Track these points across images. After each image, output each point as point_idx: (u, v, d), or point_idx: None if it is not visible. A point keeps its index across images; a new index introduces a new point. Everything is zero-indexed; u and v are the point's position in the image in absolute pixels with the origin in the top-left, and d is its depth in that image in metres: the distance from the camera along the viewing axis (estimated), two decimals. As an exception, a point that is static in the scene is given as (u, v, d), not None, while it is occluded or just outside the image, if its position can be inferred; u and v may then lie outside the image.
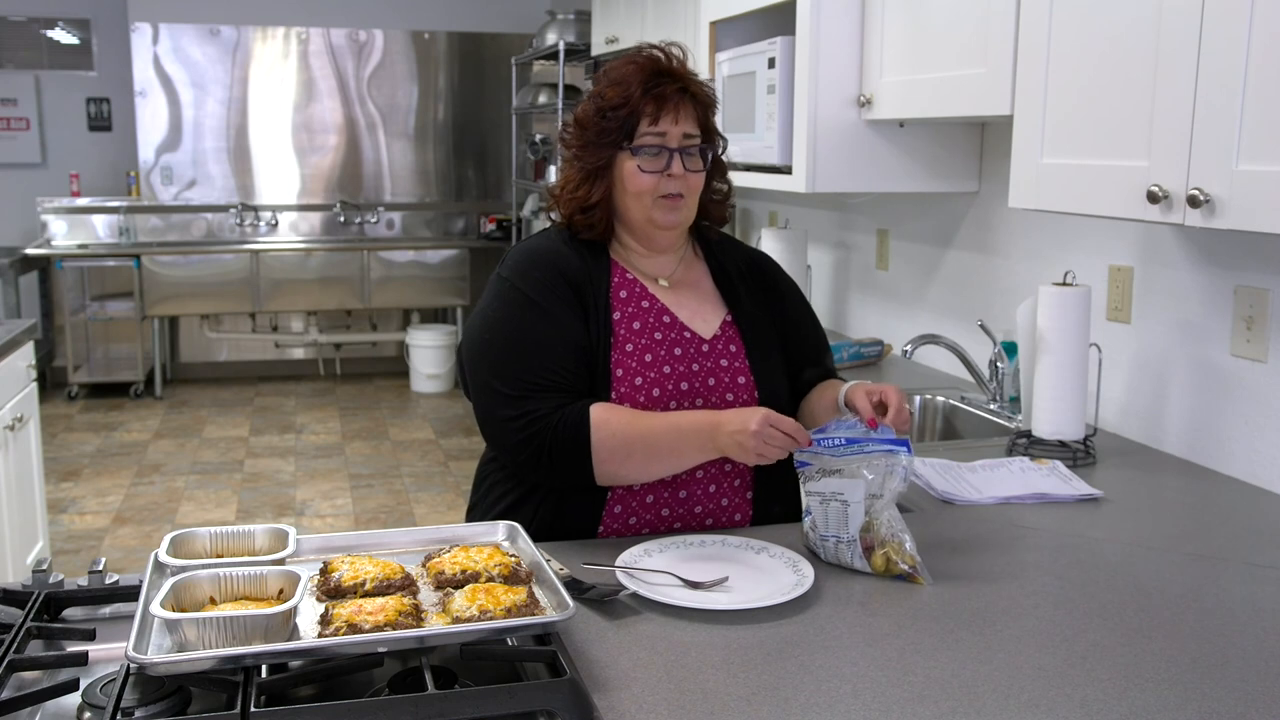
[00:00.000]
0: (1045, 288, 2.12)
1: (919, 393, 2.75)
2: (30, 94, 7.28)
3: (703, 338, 1.72)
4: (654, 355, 1.67)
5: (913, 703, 1.17)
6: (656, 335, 1.68)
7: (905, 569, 1.50)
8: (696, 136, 1.67)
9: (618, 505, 1.67)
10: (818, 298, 3.68)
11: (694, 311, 1.74)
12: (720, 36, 3.26)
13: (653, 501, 1.68)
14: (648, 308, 1.70)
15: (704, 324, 1.74)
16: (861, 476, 1.52)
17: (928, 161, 2.78)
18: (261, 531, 1.42)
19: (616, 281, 1.72)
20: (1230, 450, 2.06)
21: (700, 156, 1.68)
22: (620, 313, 1.68)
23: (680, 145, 1.65)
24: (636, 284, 1.73)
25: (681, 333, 1.70)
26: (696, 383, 1.68)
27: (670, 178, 1.65)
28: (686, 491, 1.68)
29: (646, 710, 1.16)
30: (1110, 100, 1.80)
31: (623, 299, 1.70)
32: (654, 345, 1.68)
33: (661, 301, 1.72)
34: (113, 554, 4.40)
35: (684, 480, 1.67)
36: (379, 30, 7.49)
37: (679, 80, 1.66)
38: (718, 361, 1.71)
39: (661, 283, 1.75)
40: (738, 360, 1.72)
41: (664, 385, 1.65)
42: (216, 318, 7.33)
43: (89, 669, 1.21)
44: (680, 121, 1.64)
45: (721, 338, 1.74)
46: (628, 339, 1.67)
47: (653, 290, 1.74)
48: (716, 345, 1.72)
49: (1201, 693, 1.20)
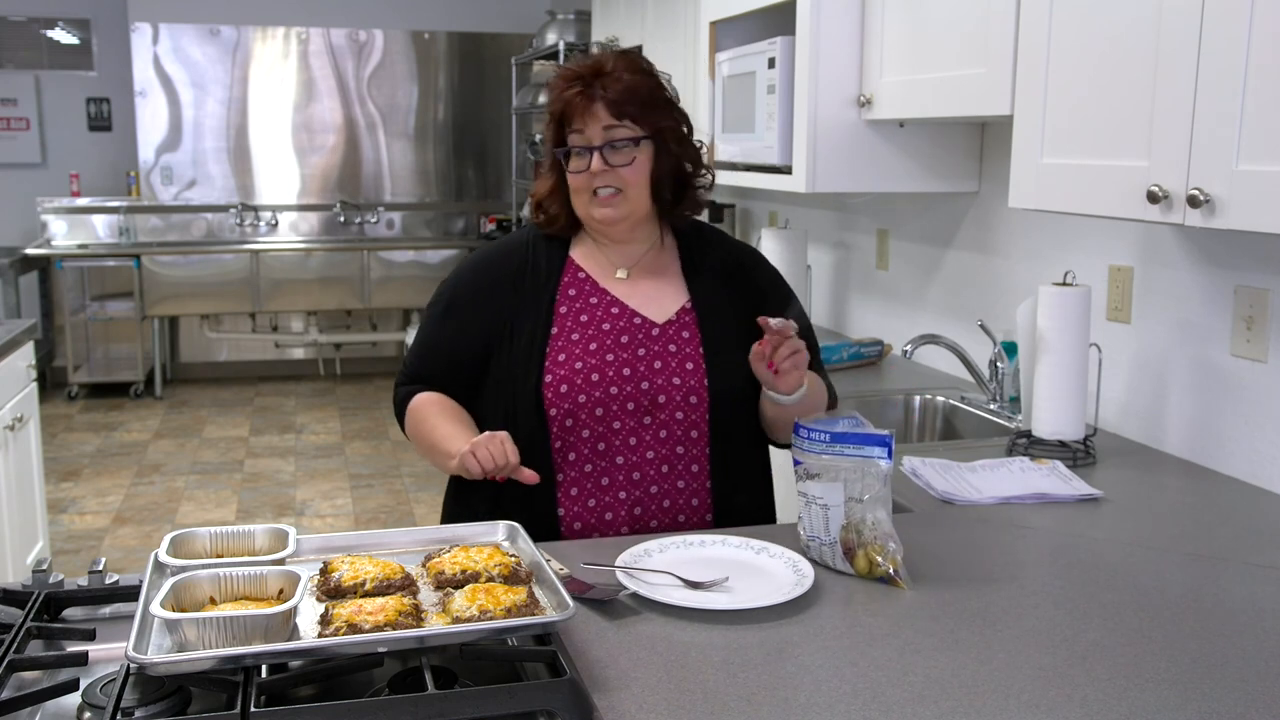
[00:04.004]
0: (1045, 288, 2.12)
1: (919, 393, 2.75)
2: (30, 94, 7.28)
3: (654, 323, 1.77)
4: (599, 344, 1.74)
5: (913, 703, 1.17)
6: (604, 326, 1.76)
7: (887, 571, 1.49)
8: (623, 129, 1.71)
9: (573, 488, 1.73)
10: (818, 298, 3.69)
11: (649, 299, 1.80)
12: (720, 36, 3.26)
13: (608, 484, 1.74)
14: (596, 303, 1.78)
15: (658, 310, 1.79)
16: (839, 480, 1.52)
17: (928, 161, 2.78)
18: (261, 531, 1.42)
19: (567, 280, 1.80)
20: (1230, 450, 2.06)
21: (631, 148, 1.71)
22: (567, 308, 1.78)
23: (604, 141, 1.71)
24: (588, 281, 1.81)
25: (631, 320, 1.77)
26: (642, 367, 1.74)
27: (595, 174, 1.71)
28: (640, 473, 1.74)
29: (646, 710, 1.16)
30: (1110, 100, 1.80)
31: (571, 296, 1.79)
32: (600, 335, 1.75)
33: (613, 294, 1.79)
34: (113, 554, 4.40)
35: (636, 463, 1.73)
36: (379, 30, 7.49)
37: (590, 80, 1.71)
38: (666, 346, 1.76)
39: (620, 274, 1.81)
40: (689, 346, 1.76)
41: (604, 372, 1.72)
42: (216, 318, 7.33)
43: (89, 669, 1.21)
44: (598, 119, 1.70)
45: (675, 324, 1.78)
46: (573, 329, 1.76)
47: (607, 283, 1.81)
48: (668, 330, 1.77)
49: (1201, 693, 1.20)
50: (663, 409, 1.73)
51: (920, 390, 2.77)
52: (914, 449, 2.22)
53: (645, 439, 1.73)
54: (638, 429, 1.73)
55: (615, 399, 1.72)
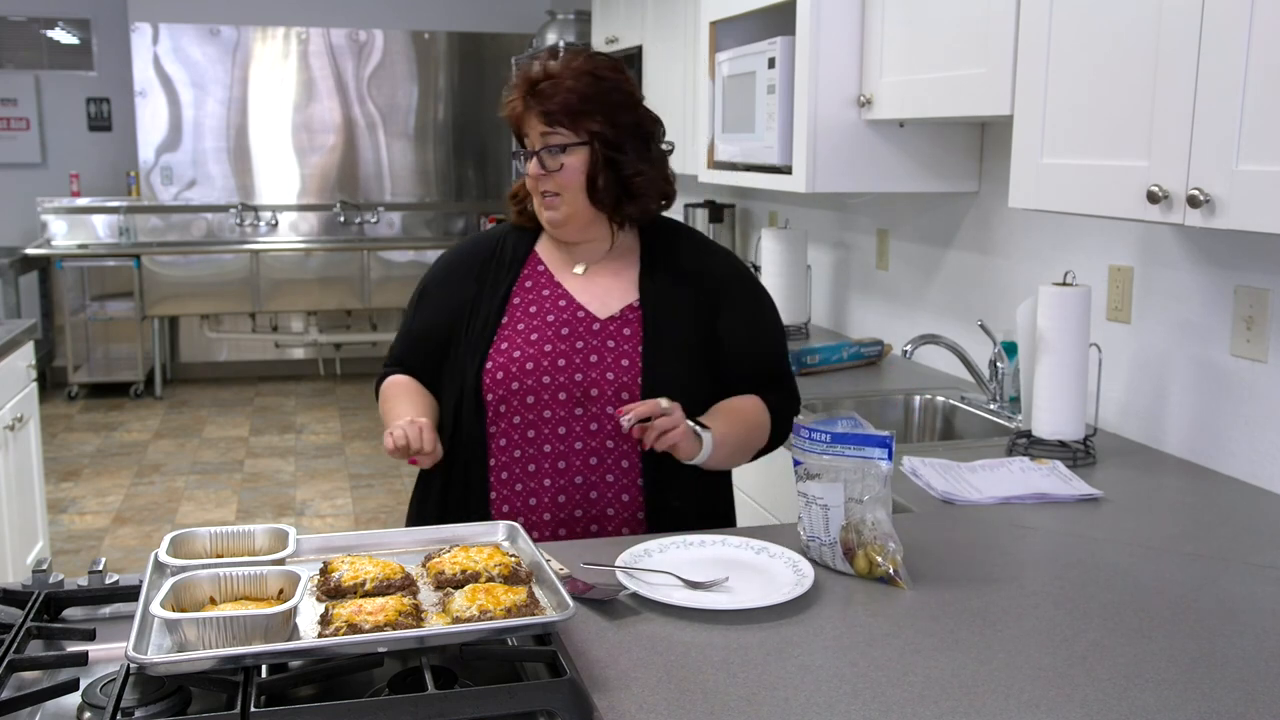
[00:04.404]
0: (1045, 288, 2.12)
1: (919, 393, 2.75)
2: (30, 94, 7.28)
3: (597, 318, 1.81)
4: (540, 335, 1.80)
5: (913, 703, 1.17)
6: (549, 318, 1.82)
7: (887, 571, 1.49)
8: (556, 135, 1.76)
9: (504, 471, 1.79)
10: (818, 298, 3.69)
11: (598, 295, 1.84)
12: (720, 36, 3.26)
13: (535, 471, 1.78)
14: (547, 295, 1.85)
15: (603, 306, 1.83)
16: (839, 480, 1.52)
17: (928, 161, 2.78)
18: (261, 531, 1.42)
19: (527, 272, 1.88)
20: (1230, 450, 2.06)
21: (560, 154, 1.76)
22: (521, 299, 1.85)
23: (541, 147, 1.78)
24: (546, 274, 1.87)
25: (575, 314, 1.82)
26: (578, 359, 1.78)
27: (536, 178, 1.79)
28: (565, 463, 1.77)
29: (646, 710, 1.16)
30: (1110, 100, 1.80)
31: (527, 288, 1.86)
32: (544, 326, 1.81)
33: (564, 289, 1.85)
34: (113, 554, 4.40)
35: (563, 452, 1.77)
36: (379, 30, 7.49)
37: (529, 89, 1.77)
38: (605, 342, 1.79)
39: (577, 269, 1.87)
40: (628, 344, 1.79)
41: (539, 361, 1.78)
42: (216, 318, 7.33)
43: (89, 669, 1.21)
44: (536, 126, 1.77)
45: (618, 320, 1.81)
46: (521, 319, 1.82)
47: (562, 277, 1.86)
48: (609, 326, 1.81)
49: (1201, 693, 1.20)
50: (594, 402, 1.76)
51: (920, 390, 2.77)
52: (914, 449, 2.22)
53: (575, 430, 1.76)
54: (568, 420, 1.76)
55: (547, 388, 1.76)
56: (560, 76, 1.76)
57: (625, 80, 1.82)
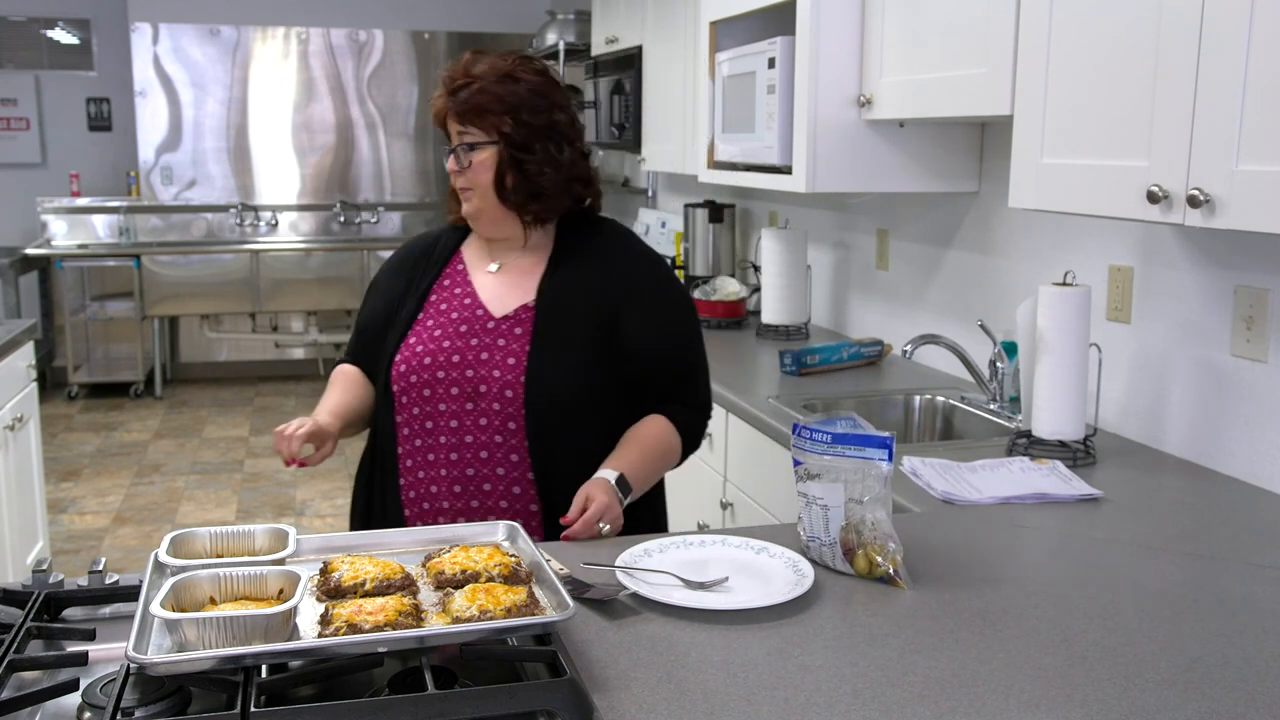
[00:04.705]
0: (1045, 288, 2.12)
1: (919, 393, 2.75)
2: (30, 94, 7.28)
3: (493, 316, 1.86)
4: (443, 331, 1.86)
5: (913, 703, 1.17)
6: (454, 315, 1.88)
7: (887, 571, 1.49)
8: (468, 134, 1.83)
9: (408, 459, 1.86)
10: (818, 297, 3.69)
11: (500, 293, 1.89)
12: (720, 36, 3.26)
13: (433, 460, 1.84)
14: (459, 293, 1.91)
15: (501, 305, 1.87)
16: (839, 481, 1.52)
17: (928, 161, 2.78)
18: (261, 531, 1.42)
19: (448, 270, 1.95)
20: (1230, 450, 2.06)
21: (469, 152, 1.83)
22: (438, 295, 1.92)
23: (457, 143, 1.85)
24: (463, 272, 1.94)
25: (474, 312, 1.87)
26: (470, 356, 1.83)
27: (455, 174, 1.87)
28: (458, 455, 1.83)
29: (646, 710, 1.16)
30: (1110, 100, 1.80)
31: (445, 285, 1.93)
32: (448, 324, 1.87)
33: (474, 286, 1.91)
34: (113, 554, 4.40)
35: (456, 444, 1.83)
36: (379, 30, 7.49)
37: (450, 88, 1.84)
38: (496, 340, 1.84)
39: (491, 267, 1.92)
40: (517, 343, 1.83)
41: (437, 356, 1.84)
42: (216, 318, 7.33)
43: (89, 669, 1.21)
44: (453, 123, 1.84)
45: (512, 319, 1.85)
46: (432, 316, 1.89)
47: (475, 274, 1.92)
48: (503, 325, 1.85)
49: (1201, 693, 1.20)
50: (483, 398, 1.81)
51: (920, 390, 2.77)
52: (914, 449, 2.22)
53: (466, 424, 1.81)
54: (460, 413, 1.82)
55: (441, 383, 1.82)
56: (478, 77, 1.82)
57: (544, 83, 1.86)
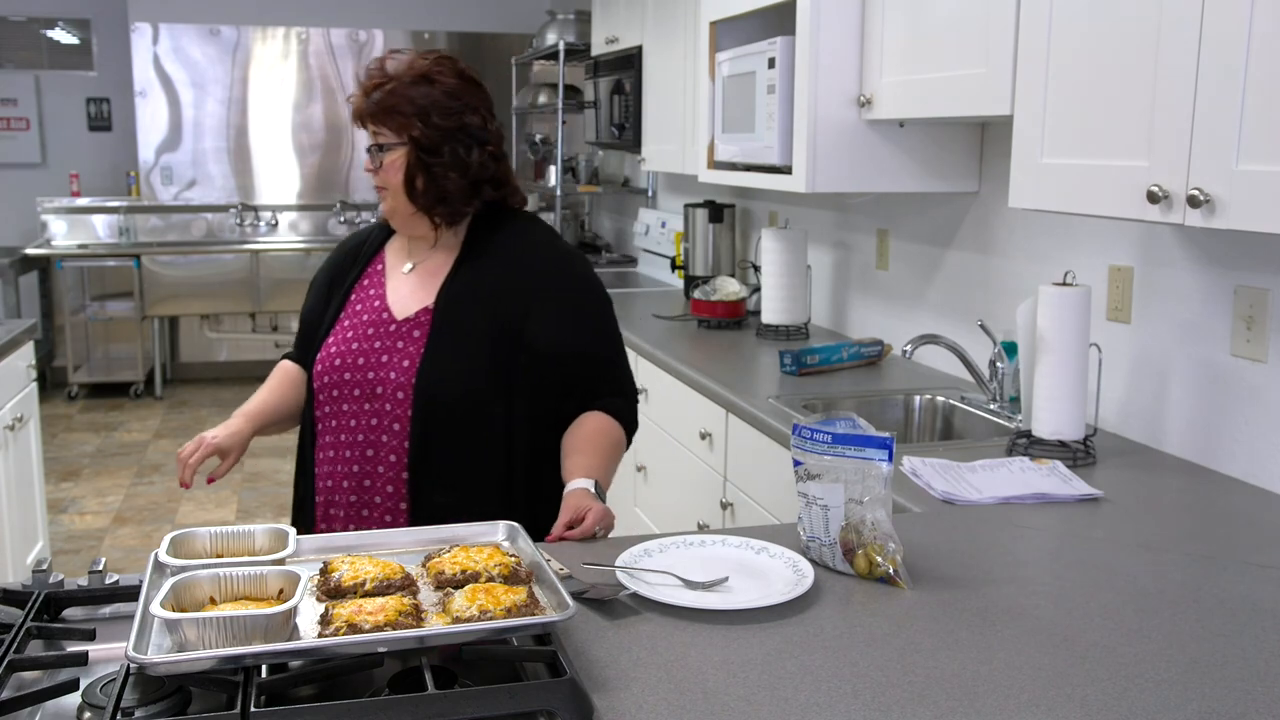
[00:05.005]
0: (1045, 288, 2.12)
1: (919, 393, 2.75)
2: (30, 94, 7.28)
3: (395, 318, 1.88)
4: (354, 333, 1.90)
5: (913, 703, 1.17)
6: (365, 317, 1.91)
7: (886, 571, 1.49)
8: (381, 135, 1.85)
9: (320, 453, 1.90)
10: (818, 298, 3.68)
11: (404, 296, 1.90)
12: (720, 36, 3.26)
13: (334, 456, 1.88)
14: (372, 295, 1.93)
15: (404, 307, 1.89)
16: (839, 481, 1.52)
17: (928, 161, 2.78)
18: (261, 531, 1.42)
19: (368, 270, 1.97)
20: (1230, 450, 2.06)
21: (380, 152, 1.85)
22: (356, 296, 1.95)
23: (371, 143, 1.87)
24: (381, 273, 1.96)
25: (381, 314, 1.90)
26: (373, 358, 1.86)
27: (368, 172, 1.89)
28: (351, 452, 1.86)
29: (646, 710, 1.16)
30: (1110, 100, 1.80)
31: (364, 285, 1.96)
32: (360, 325, 1.90)
33: (386, 287, 1.93)
34: (113, 554, 4.40)
35: (352, 443, 1.86)
36: (379, 30, 7.49)
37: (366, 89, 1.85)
38: (396, 342, 1.86)
39: (405, 268, 1.93)
40: (414, 346, 1.84)
41: (344, 357, 1.87)
42: (216, 318, 7.33)
43: (89, 669, 1.21)
44: (367, 123, 1.86)
45: (412, 321, 1.87)
46: (348, 316, 1.93)
47: (390, 275, 1.94)
48: (404, 327, 1.87)
49: (1201, 693, 1.20)
50: (379, 399, 1.84)
51: (920, 390, 2.77)
52: (914, 449, 2.22)
53: (363, 423, 1.85)
54: (358, 413, 1.86)
55: (348, 384, 1.86)
56: (393, 78, 1.83)
57: (460, 85, 1.83)
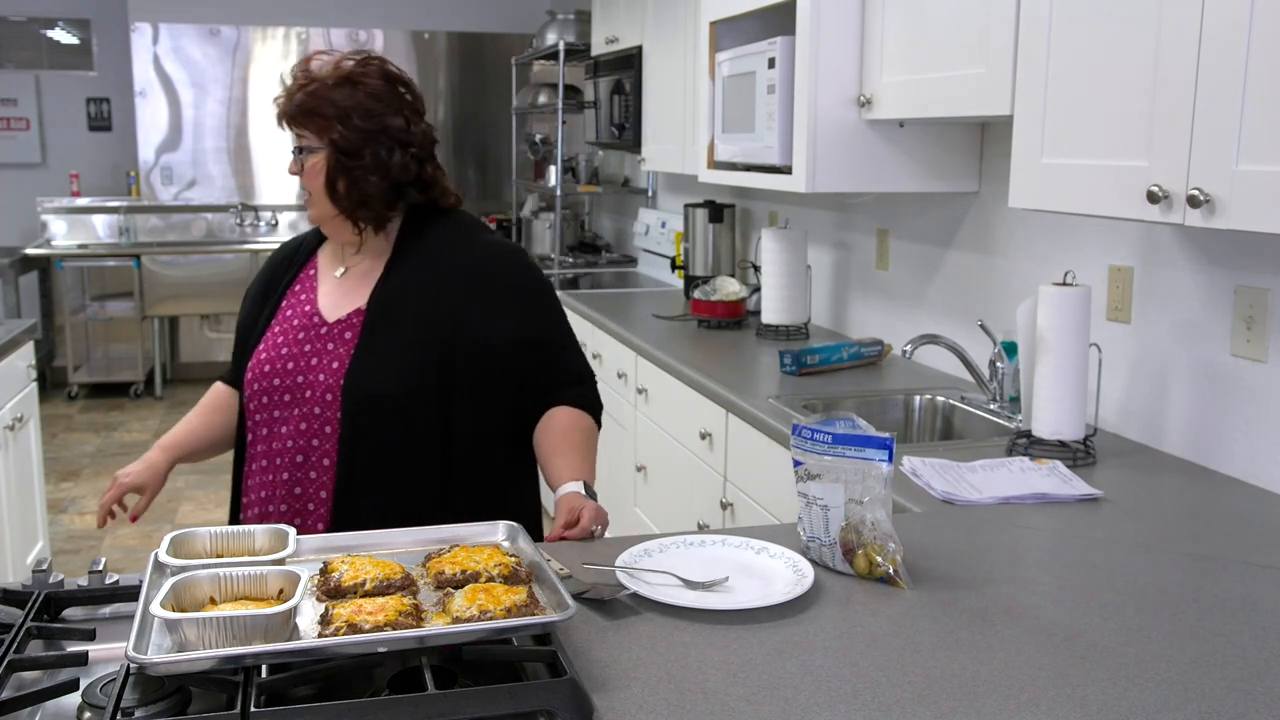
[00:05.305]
0: (1045, 288, 2.12)
1: (919, 393, 2.75)
2: (30, 94, 7.28)
3: (326, 321, 1.85)
4: (285, 337, 1.86)
5: (913, 703, 1.17)
6: (295, 321, 1.88)
7: (886, 571, 1.49)
8: (302, 139, 1.83)
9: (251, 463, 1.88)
10: (818, 298, 3.69)
11: (338, 298, 1.87)
12: (720, 36, 3.26)
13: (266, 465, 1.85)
14: (304, 300, 1.90)
15: (334, 310, 1.86)
16: (839, 481, 1.52)
17: (928, 161, 2.78)
18: (261, 531, 1.42)
19: (301, 276, 1.94)
20: (1230, 450, 2.06)
21: (301, 155, 1.83)
22: (288, 302, 1.92)
23: (295, 145, 1.85)
24: (312, 279, 1.93)
25: (312, 318, 1.87)
26: (303, 362, 1.83)
27: (292, 174, 1.87)
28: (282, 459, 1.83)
29: (646, 710, 1.16)
30: (1110, 100, 1.80)
31: (295, 291, 1.93)
32: (290, 330, 1.87)
33: (317, 292, 1.90)
34: (113, 554, 4.40)
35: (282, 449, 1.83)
36: (379, 30, 7.49)
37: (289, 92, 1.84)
38: (326, 345, 1.83)
39: (336, 273, 1.91)
40: (344, 347, 1.81)
41: (274, 362, 1.84)
42: (216, 318, 7.33)
43: (89, 669, 1.21)
44: (291, 127, 1.84)
45: (343, 324, 1.84)
46: (279, 322, 1.90)
47: (322, 279, 1.91)
48: (334, 330, 1.84)
49: (1201, 693, 1.20)
50: (307, 402, 1.81)
51: (920, 390, 2.77)
52: (914, 449, 2.22)
53: (291, 428, 1.82)
54: (287, 418, 1.82)
55: (276, 389, 1.83)
56: (316, 79, 1.80)
57: (383, 87, 1.80)
